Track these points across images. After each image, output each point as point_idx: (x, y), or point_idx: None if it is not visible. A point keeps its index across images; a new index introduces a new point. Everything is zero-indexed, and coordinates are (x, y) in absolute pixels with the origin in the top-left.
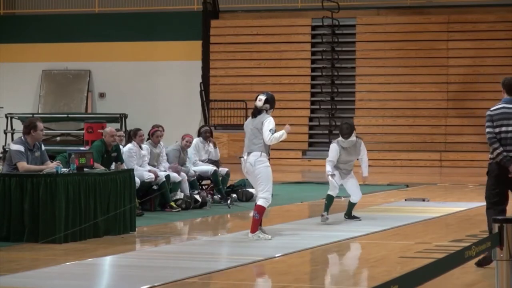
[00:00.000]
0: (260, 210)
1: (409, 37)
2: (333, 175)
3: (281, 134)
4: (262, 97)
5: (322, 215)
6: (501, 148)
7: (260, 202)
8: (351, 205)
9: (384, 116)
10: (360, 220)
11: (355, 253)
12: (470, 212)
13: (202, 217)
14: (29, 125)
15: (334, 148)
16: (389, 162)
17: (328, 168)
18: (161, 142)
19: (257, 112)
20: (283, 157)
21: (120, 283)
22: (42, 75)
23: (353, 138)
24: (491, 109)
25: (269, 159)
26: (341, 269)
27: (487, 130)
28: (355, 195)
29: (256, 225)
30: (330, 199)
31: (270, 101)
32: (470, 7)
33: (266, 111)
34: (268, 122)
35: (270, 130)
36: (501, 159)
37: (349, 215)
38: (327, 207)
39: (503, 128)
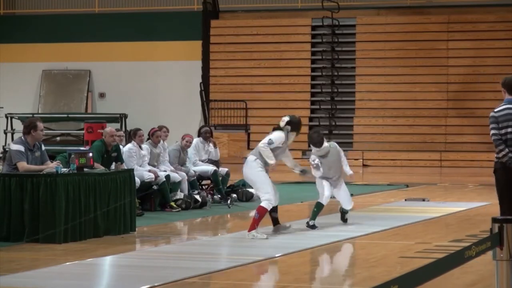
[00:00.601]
0: (261, 211)
1: (409, 37)
2: (318, 166)
3: (271, 159)
4: (285, 118)
5: (308, 224)
6: (506, 150)
7: (262, 203)
8: (344, 212)
9: (384, 116)
10: (346, 222)
11: (355, 253)
12: (470, 212)
13: (202, 217)
14: (29, 125)
15: (314, 157)
16: (389, 162)
17: (313, 157)
18: (164, 143)
19: (276, 128)
20: None
21: (120, 283)
22: (42, 75)
23: (325, 144)
24: (495, 110)
25: (265, 167)
26: (341, 269)
27: (492, 132)
28: (346, 203)
29: (254, 225)
30: (319, 207)
31: (292, 123)
32: (470, 7)
33: (288, 132)
34: (274, 134)
35: (269, 140)
36: (506, 160)
37: (342, 219)
38: (314, 215)
39: (509, 129)
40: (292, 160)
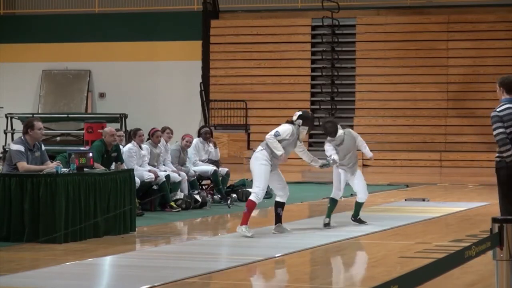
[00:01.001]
0: (248, 205)
1: (409, 37)
2: (334, 161)
3: (279, 149)
4: (298, 112)
5: (325, 223)
6: None
7: (250, 197)
8: (358, 205)
9: (384, 116)
10: (366, 224)
11: (355, 253)
12: (470, 212)
13: (202, 217)
14: (27, 124)
15: (329, 145)
16: (389, 162)
17: (328, 149)
18: (167, 144)
19: (289, 121)
20: None
21: (120, 283)
22: (42, 75)
23: (340, 132)
24: (498, 110)
25: (273, 160)
26: (341, 269)
27: (498, 131)
28: (362, 193)
29: (245, 219)
30: (333, 203)
31: (304, 118)
32: (470, 7)
33: (299, 126)
34: (281, 127)
35: (276, 132)
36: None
37: (356, 217)
38: (330, 212)
39: None
40: (308, 154)
